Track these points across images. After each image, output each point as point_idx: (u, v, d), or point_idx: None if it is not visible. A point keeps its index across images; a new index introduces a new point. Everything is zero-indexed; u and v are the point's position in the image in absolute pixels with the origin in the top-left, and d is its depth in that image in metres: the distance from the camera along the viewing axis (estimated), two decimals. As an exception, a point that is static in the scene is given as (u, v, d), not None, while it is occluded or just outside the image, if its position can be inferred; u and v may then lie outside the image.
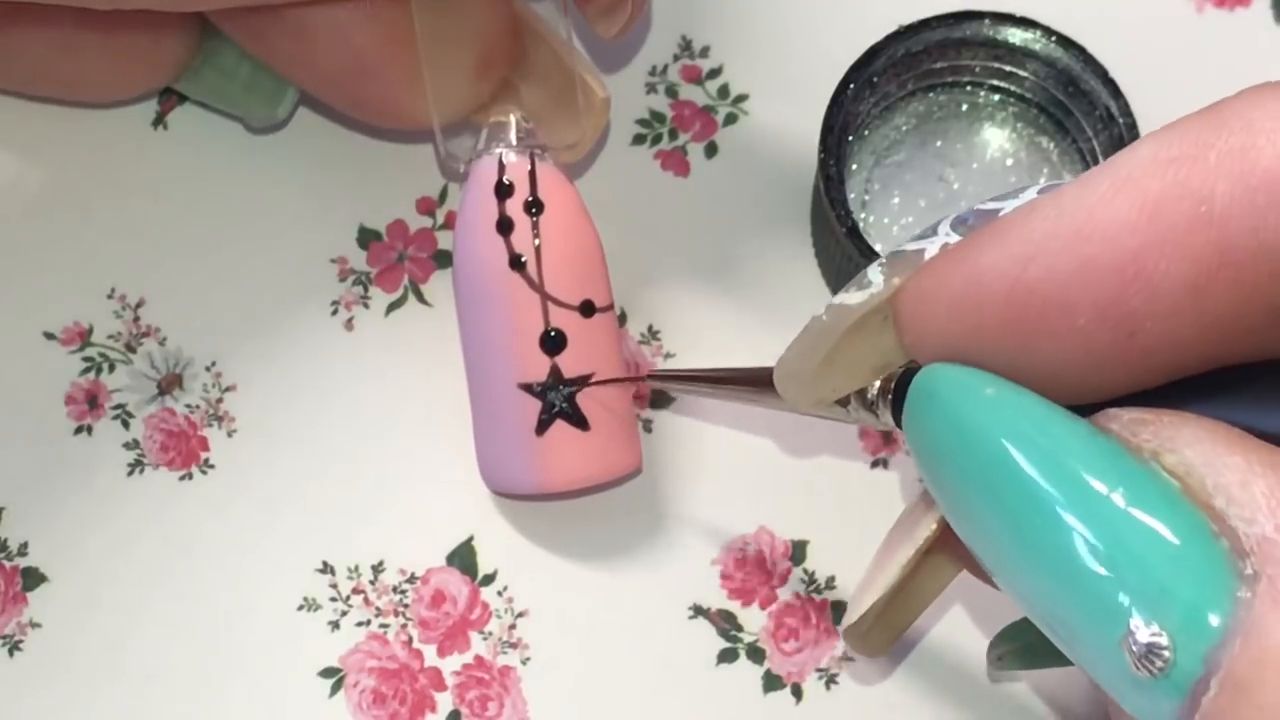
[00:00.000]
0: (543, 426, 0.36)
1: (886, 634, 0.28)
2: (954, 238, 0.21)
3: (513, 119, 0.37)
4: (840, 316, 0.23)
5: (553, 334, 0.36)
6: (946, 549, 0.26)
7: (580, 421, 0.36)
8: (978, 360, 0.21)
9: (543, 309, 0.36)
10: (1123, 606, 0.18)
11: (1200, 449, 0.19)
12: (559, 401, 0.36)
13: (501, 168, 0.37)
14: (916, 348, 0.22)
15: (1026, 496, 0.19)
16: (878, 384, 0.24)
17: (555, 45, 0.39)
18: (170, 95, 0.42)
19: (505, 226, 0.36)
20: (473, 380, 0.38)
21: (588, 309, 0.36)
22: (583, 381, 0.36)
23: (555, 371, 0.36)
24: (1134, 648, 0.18)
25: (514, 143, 0.37)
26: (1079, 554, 0.18)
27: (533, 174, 0.37)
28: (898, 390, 0.24)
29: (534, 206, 0.36)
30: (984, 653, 0.38)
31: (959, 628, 0.38)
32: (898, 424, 0.23)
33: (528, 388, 0.36)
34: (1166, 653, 0.18)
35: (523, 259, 0.36)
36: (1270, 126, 0.19)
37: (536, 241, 0.36)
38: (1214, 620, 0.18)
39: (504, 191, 0.36)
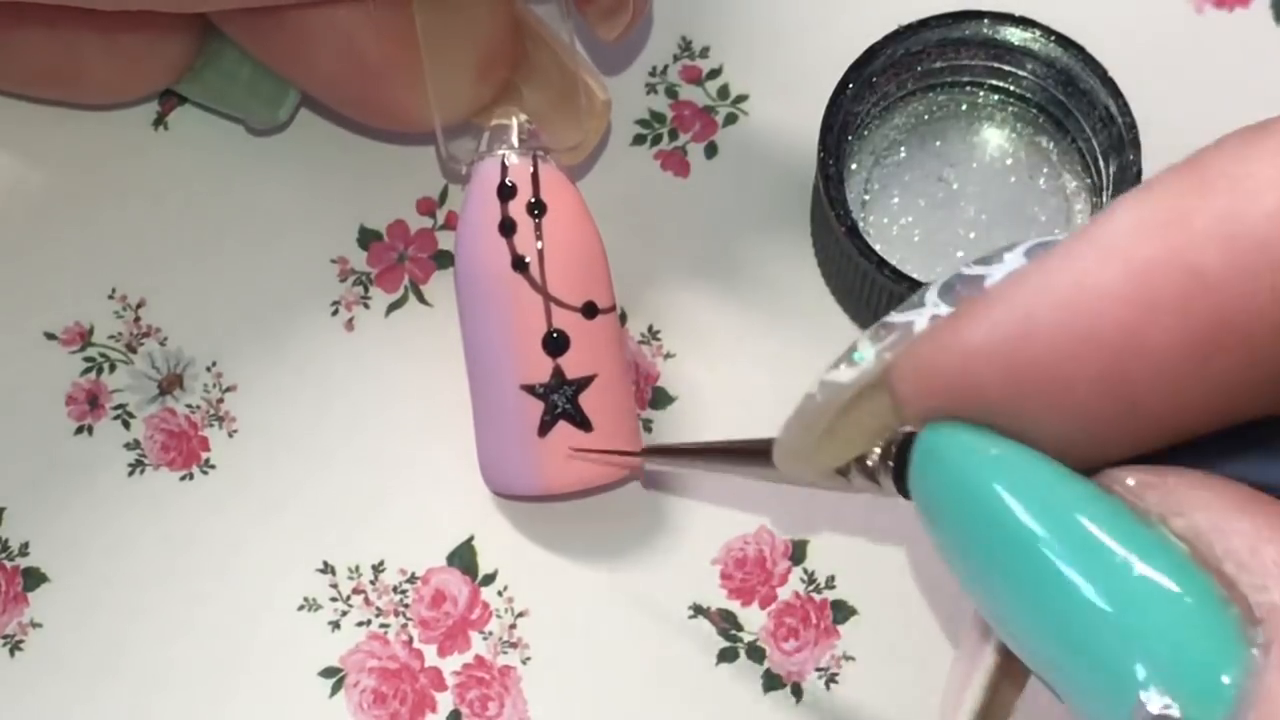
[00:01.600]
0: (545, 428, 0.36)
1: None
2: (942, 309, 0.21)
3: (515, 121, 0.37)
4: (832, 395, 0.22)
5: (555, 335, 0.36)
6: (1012, 667, 0.26)
7: (583, 423, 0.36)
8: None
9: (545, 310, 0.36)
10: (1133, 675, 0.18)
11: (1208, 513, 0.18)
12: (561, 403, 0.36)
13: (504, 169, 0.37)
14: (914, 420, 0.21)
15: (1034, 560, 0.19)
16: (878, 452, 0.24)
17: (556, 48, 0.39)
18: (171, 97, 0.42)
19: (508, 228, 0.36)
20: (475, 381, 0.38)
21: (590, 310, 0.36)
22: (584, 383, 0.36)
23: (558, 373, 0.36)
24: (1144, 718, 0.18)
25: (516, 144, 0.37)
26: (1088, 620, 0.18)
27: (535, 176, 0.37)
28: (899, 457, 0.24)
29: (537, 208, 0.36)
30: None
31: (959, 625, 0.38)
32: (901, 491, 0.23)
33: (530, 389, 0.36)
34: None
35: (525, 260, 0.36)
36: (1255, 186, 0.18)
37: (539, 243, 0.36)
38: (1225, 691, 0.17)
39: (507, 193, 0.36)
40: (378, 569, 0.39)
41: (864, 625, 0.38)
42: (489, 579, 0.39)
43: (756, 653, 0.38)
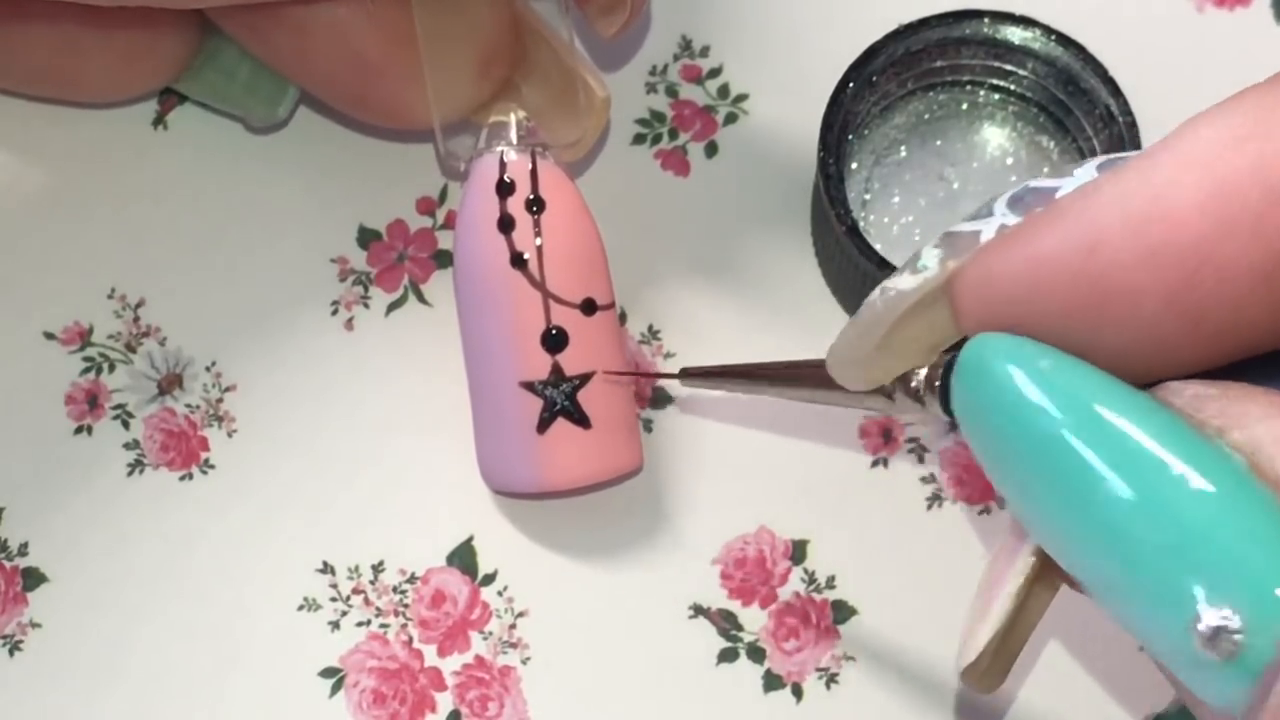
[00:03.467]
0: (544, 425, 0.36)
1: (1001, 667, 0.27)
2: (1011, 219, 0.21)
3: (513, 118, 0.37)
4: (894, 303, 0.22)
5: (554, 332, 0.36)
6: (1047, 570, 0.25)
7: (582, 420, 0.36)
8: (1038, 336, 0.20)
9: (544, 307, 0.36)
10: (1190, 588, 0.17)
11: (1270, 425, 0.18)
12: (560, 399, 0.36)
13: (503, 166, 0.37)
14: (974, 332, 0.21)
15: (1085, 476, 0.18)
16: (923, 373, 0.24)
17: (556, 45, 0.39)
18: (170, 95, 0.42)
19: (507, 224, 0.36)
20: (473, 379, 0.38)
21: (589, 307, 0.36)
22: (583, 380, 0.36)
23: (557, 369, 0.36)
24: (1202, 630, 0.17)
25: (515, 141, 0.37)
26: (1142, 534, 0.18)
27: (534, 172, 0.37)
28: (945, 377, 0.23)
29: (535, 204, 0.36)
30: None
31: (959, 625, 0.38)
32: (946, 413, 0.23)
33: (529, 386, 0.36)
34: (1238, 636, 0.17)
35: (524, 257, 0.36)
36: None
37: (538, 240, 0.36)
38: None
39: (505, 189, 0.36)
40: (377, 569, 0.39)
41: (864, 625, 0.38)
42: (489, 579, 0.39)
43: (756, 653, 0.38)
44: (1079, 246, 0.19)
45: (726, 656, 0.38)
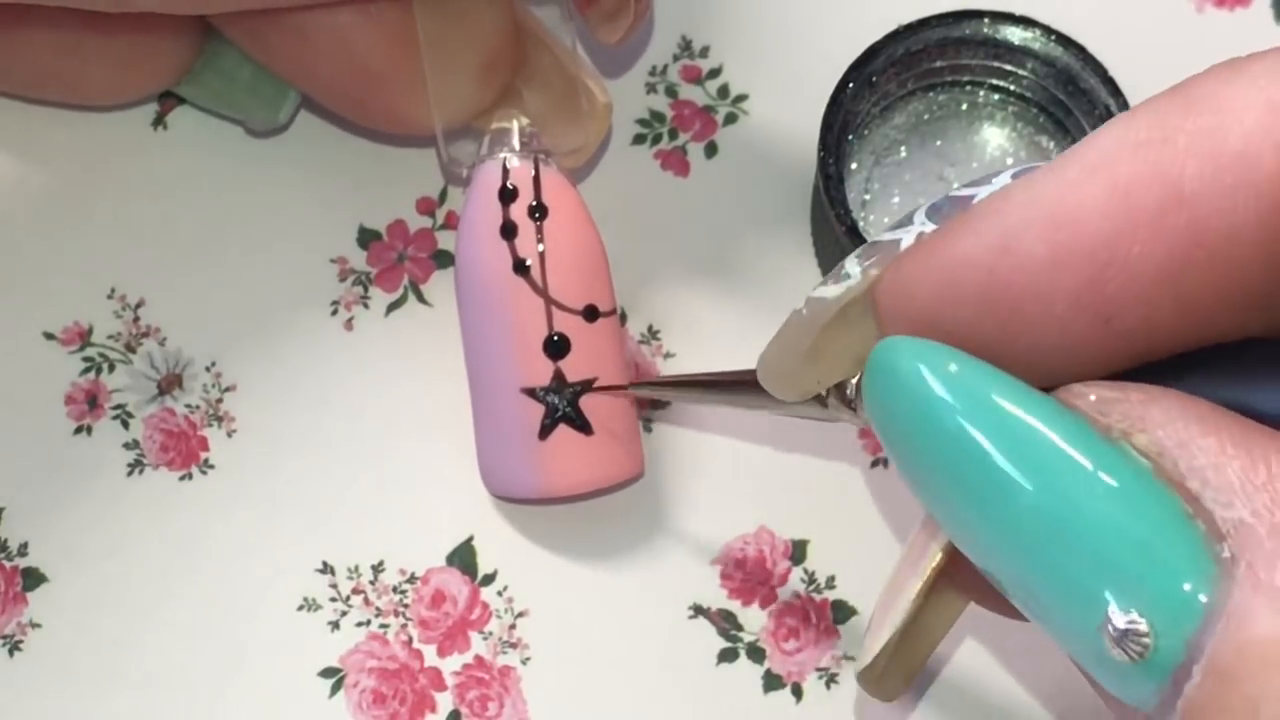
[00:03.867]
0: (545, 431, 0.36)
1: (901, 675, 0.27)
2: (929, 226, 0.21)
3: (516, 124, 0.37)
4: (818, 310, 0.22)
5: (556, 338, 0.36)
6: (953, 581, 0.25)
7: (583, 426, 0.36)
8: (954, 339, 0.20)
9: (546, 313, 0.36)
10: (1099, 589, 0.18)
11: (1172, 429, 0.18)
12: (562, 406, 0.36)
13: (505, 172, 0.37)
14: (894, 323, 0.21)
15: (992, 478, 0.19)
16: (855, 380, 0.24)
17: (557, 50, 0.39)
18: (170, 97, 0.42)
19: (509, 231, 0.36)
20: (475, 384, 0.38)
21: (591, 314, 0.36)
22: (585, 386, 0.36)
23: (559, 376, 0.36)
24: (1112, 632, 0.18)
25: (517, 148, 0.37)
26: (1049, 534, 0.18)
27: (536, 179, 0.37)
28: None
29: (538, 211, 0.36)
30: (984, 648, 0.38)
31: (959, 627, 0.38)
32: None
33: (531, 392, 0.36)
34: (1146, 639, 0.17)
35: (527, 263, 0.36)
36: (1237, 106, 0.18)
37: (540, 246, 0.36)
38: (1193, 605, 0.17)
39: (508, 196, 0.36)
40: (377, 569, 0.39)
41: (864, 625, 0.38)
42: (489, 579, 0.39)
43: (756, 653, 0.38)
44: (991, 248, 0.20)
45: (726, 656, 0.38)
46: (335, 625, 0.39)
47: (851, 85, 0.38)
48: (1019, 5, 0.39)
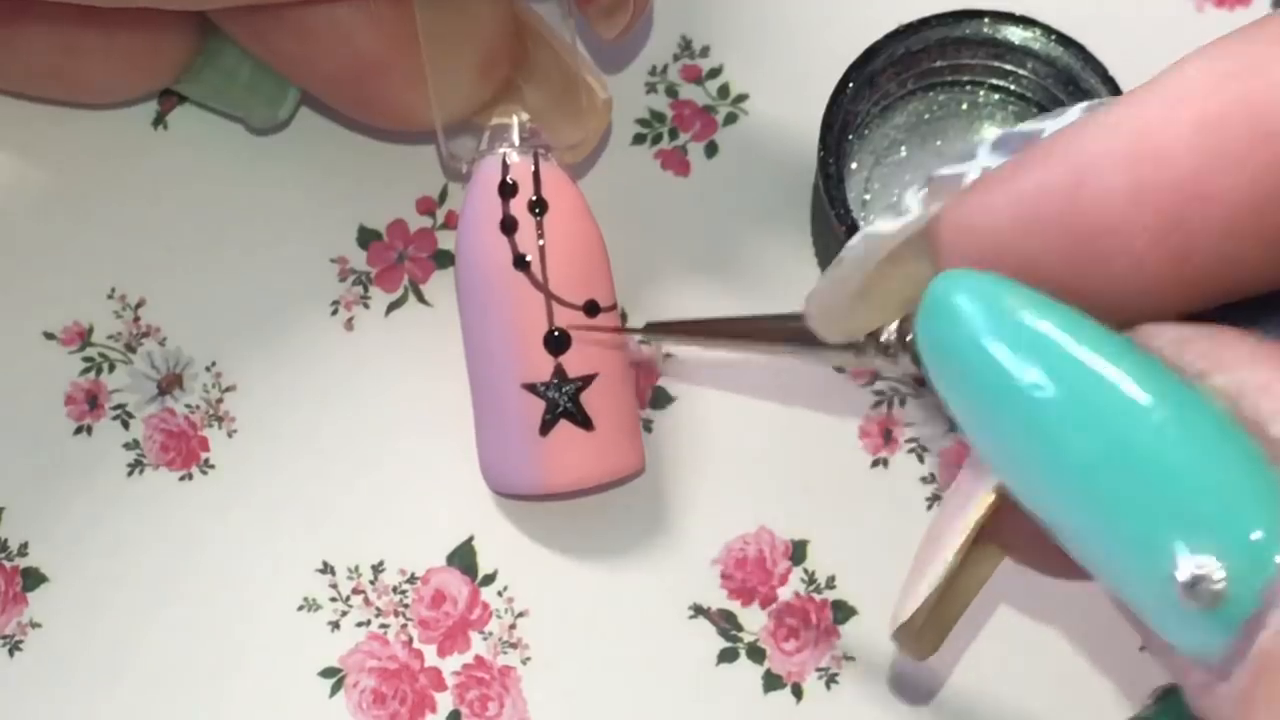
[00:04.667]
0: (546, 427, 0.36)
1: (937, 631, 0.26)
2: (994, 159, 0.20)
3: (515, 119, 0.37)
4: (874, 247, 0.21)
5: (556, 334, 0.36)
6: (996, 534, 0.24)
7: (585, 422, 0.36)
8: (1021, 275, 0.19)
9: (547, 308, 0.36)
10: (1170, 536, 0.17)
11: (1255, 370, 0.18)
12: (563, 401, 0.36)
13: (505, 167, 0.37)
14: (955, 260, 0.20)
15: (1060, 421, 0.18)
16: (894, 326, 0.23)
17: (557, 46, 0.39)
18: (171, 95, 0.42)
19: (509, 226, 0.36)
20: (475, 380, 0.38)
21: (592, 309, 0.36)
22: (586, 382, 0.36)
23: (559, 372, 0.36)
24: (1182, 579, 0.17)
25: (517, 143, 0.37)
26: (1119, 480, 0.17)
27: (536, 174, 0.37)
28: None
29: (538, 206, 0.36)
30: (985, 649, 0.38)
31: (958, 625, 0.38)
32: (916, 364, 0.22)
33: (531, 388, 0.36)
34: (1219, 585, 0.17)
35: (527, 259, 0.36)
36: None
37: (540, 241, 0.36)
38: (1269, 556, 0.16)
39: (508, 191, 0.36)
40: (377, 569, 0.39)
41: (864, 625, 0.38)
42: (489, 579, 0.39)
43: (756, 653, 0.38)
44: (1065, 183, 0.19)
45: (726, 657, 0.38)
46: (335, 625, 0.39)
47: (851, 85, 0.38)
48: (1019, 5, 0.39)
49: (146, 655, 0.38)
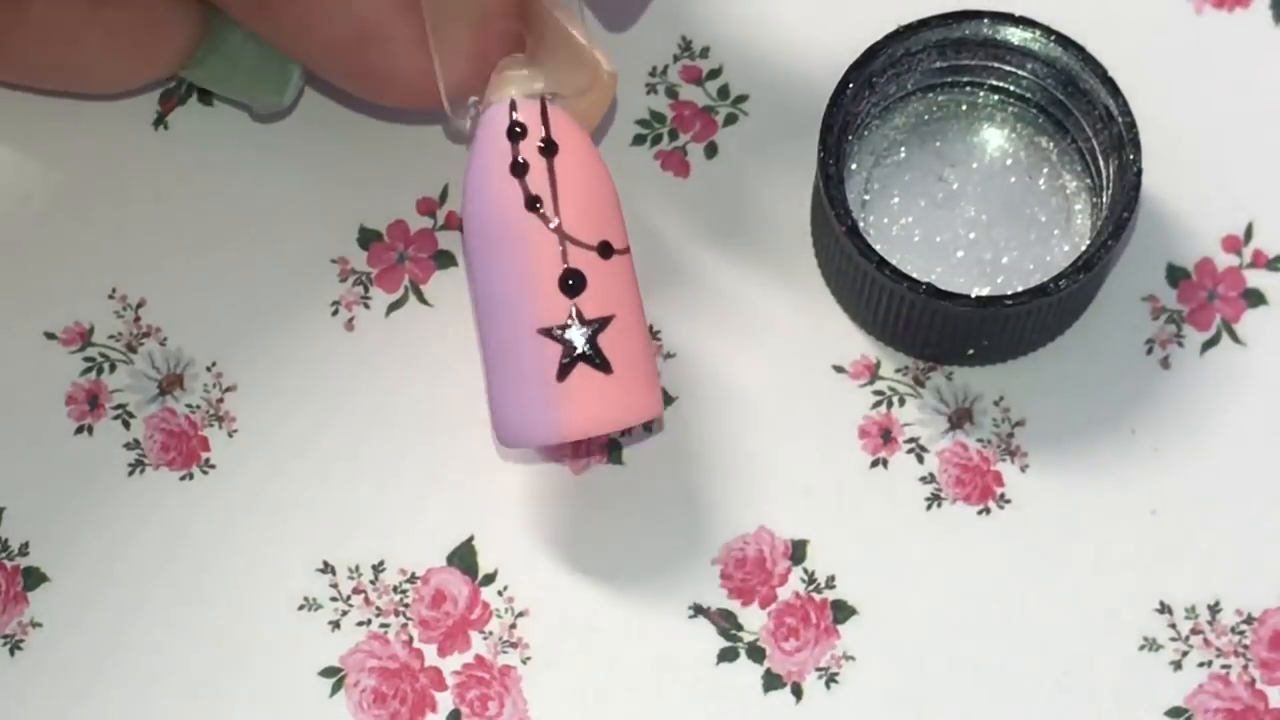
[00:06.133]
0: (564, 371, 0.35)
1: None
2: None
3: (519, 69, 0.37)
4: None
5: (572, 275, 0.35)
6: None
7: (603, 365, 0.35)
8: None
9: (561, 250, 0.35)
10: None
11: None
12: (581, 344, 0.35)
13: (513, 111, 0.36)
14: None
15: None
16: None
17: (563, 18, 0.38)
18: (171, 95, 0.42)
19: (520, 169, 0.36)
20: (487, 330, 0.36)
21: (606, 250, 0.36)
22: (603, 324, 0.36)
23: (576, 314, 0.35)
24: None
25: (523, 91, 0.36)
26: None
27: (545, 116, 0.36)
28: None
29: (548, 148, 0.36)
30: (984, 649, 0.38)
31: (959, 626, 0.38)
32: None
33: (547, 332, 0.35)
34: None
35: (539, 200, 0.35)
36: None
37: (552, 182, 0.35)
38: None
39: (517, 134, 0.36)
40: (378, 569, 0.39)
41: (864, 625, 0.38)
42: (489, 579, 0.39)
43: (756, 653, 0.38)
44: None
45: (726, 656, 0.38)
46: (336, 625, 0.39)
47: (851, 86, 0.38)
48: (1019, 6, 0.39)
49: (147, 655, 0.38)
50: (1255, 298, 0.41)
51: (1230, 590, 0.38)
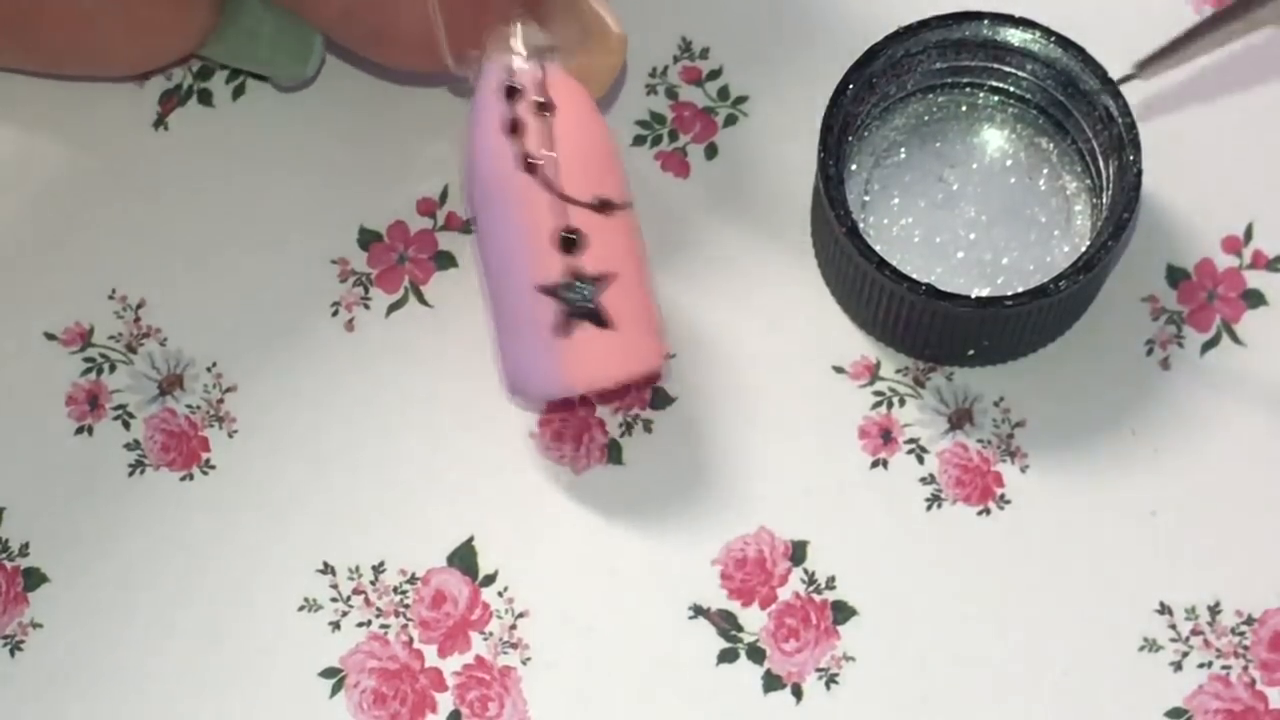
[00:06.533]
0: (568, 327, 0.35)
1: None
2: None
3: (519, 25, 0.37)
4: None
5: (570, 233, 0.36)
6: None
7: (604, 321, 0.36)
8: None
9: (559, 208, 0.35)
10: None
11: None
12: (581, 300, 0.36)
13: (511, 72, 0.36)
14: None
15: None
16: None
17: None
18: (171, 96, 0.42)
19: (516, 128, 0.36)
20: (493, 287, 0.37)
21: (605, 206, 0.36)
22: (604, 280, 0.36)
23: (576, 271, 0.35)
24: None
25: (523, 49, 0.36)
26: None
27: (542, 75, 0.36)
28: None
29: (545, 107, 0.36)
30: (984, 649, 0.38)
31: (959, 626, 0.38)
32: None
33: (549, 290, 0.36)
34: None
35: (536, 159, 0.35)
36: None
37: (550, 141, 0.35)
38: None
39: (513, 93, 0.36)
40: (378, 569, 0.39)
41: (864, 625, 0.38)
42: (489, 579, 0.39)
43: (756, 653, 0.38)
44: None
45: (726, 657, 0.38)
46: (336, 625, 0.39)
47: (851, 87, 0.38)
48: (1019, 7, 0.39)
49: (147, 655, 0.38)
50: (1255, 298, 0.41)
51: (1230, 591, 0.38)
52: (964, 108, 0.40)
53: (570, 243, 0.35)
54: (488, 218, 0.36)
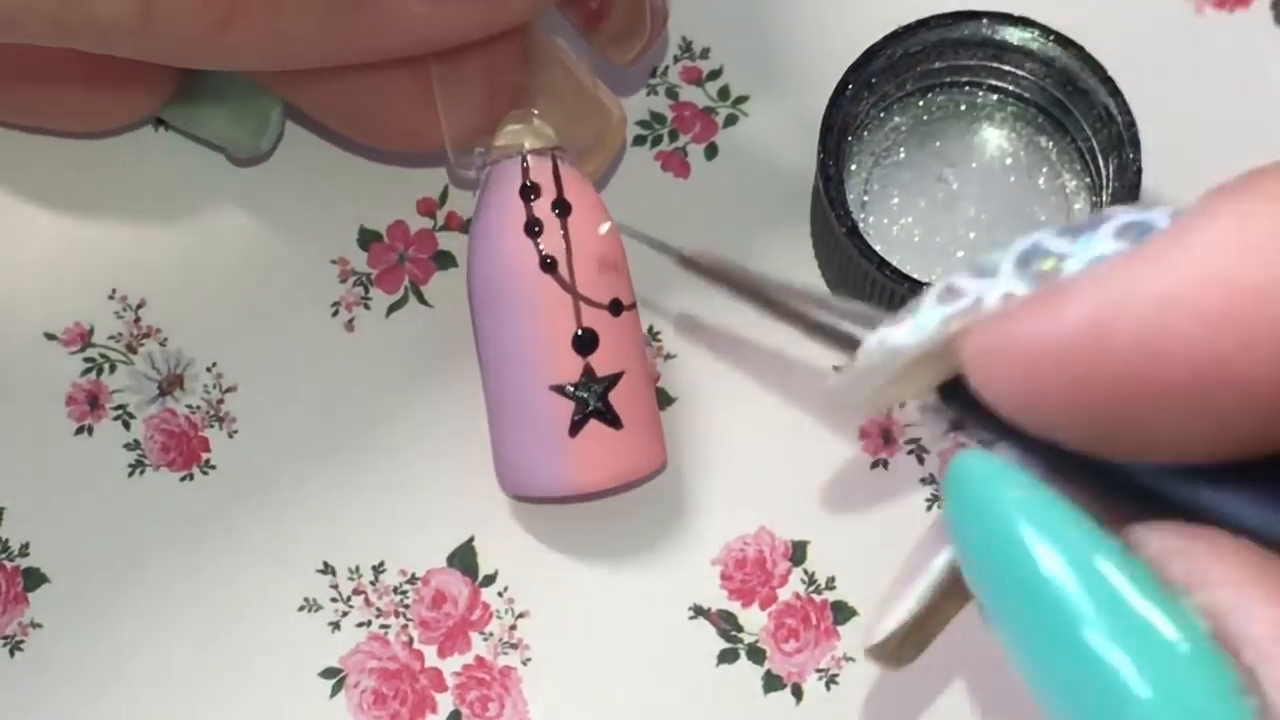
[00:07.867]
0: (576, 427, 0.36)
1: (912, 650, 0.27)
2: (1017, 287, 0.20)
3: (529, 123, 0.37)
4: (891, 357, 0.21)
5: (586, 334, 0.36)
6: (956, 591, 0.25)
7: (614, 420, 0.36)
8: (1045, 419, 0.19)
9: (575, 310, 0.36)
10: None
11: (1234, 592, 0.17)
12: (593, 401, 0.36)
13: (525, 170, 0.36)
14: (983, 389, 0.20)
15: (1056, 619, 0.18)
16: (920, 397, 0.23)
17: (569, 65, 0.38)
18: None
19: (534, 228, 0.36)
20: (497, 385, 0.37)
21: (616, 307, 0.36)
22: (613, 381, 0.36)
23: (588, 372, 0.36)
24: None
25: (533, 146, 0.37)
26: (1100, 691, 0.17)
27: (557, 175, 0.36)
28: (947, 394, 0.22)
29: (561, 207, 0.36)
30: (984, 649, 0.38)
31: (959, 627, 0.38)
32: (952, 421, 0.23)
33: (560, 389, 0.36)
34: None
35: (554, 260, 0.36)
36: None
37: (566, 242, 0.36)
38: None
39: (530, 193, 0.36)
40: (378, 570, 0.39)
41: (864, 625, 0.38)
42: (489, 580, 0.39)
43: (757, 654, 0.38)
44: (1088, 344, 0.18)
45: (726, 657, 0.38)
46: (336, 626, 0.39)
47: (851, 86, 0.38)
48: (1018, 6, 0.39)
49: (147, 655, 0.38)
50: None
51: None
52: (963, 107, 0.40)
53: (586, 343, 0.35)
54: (499, 316, 0.36)
